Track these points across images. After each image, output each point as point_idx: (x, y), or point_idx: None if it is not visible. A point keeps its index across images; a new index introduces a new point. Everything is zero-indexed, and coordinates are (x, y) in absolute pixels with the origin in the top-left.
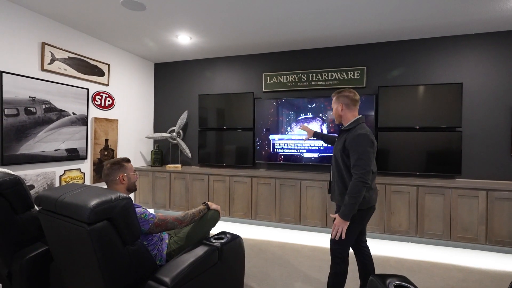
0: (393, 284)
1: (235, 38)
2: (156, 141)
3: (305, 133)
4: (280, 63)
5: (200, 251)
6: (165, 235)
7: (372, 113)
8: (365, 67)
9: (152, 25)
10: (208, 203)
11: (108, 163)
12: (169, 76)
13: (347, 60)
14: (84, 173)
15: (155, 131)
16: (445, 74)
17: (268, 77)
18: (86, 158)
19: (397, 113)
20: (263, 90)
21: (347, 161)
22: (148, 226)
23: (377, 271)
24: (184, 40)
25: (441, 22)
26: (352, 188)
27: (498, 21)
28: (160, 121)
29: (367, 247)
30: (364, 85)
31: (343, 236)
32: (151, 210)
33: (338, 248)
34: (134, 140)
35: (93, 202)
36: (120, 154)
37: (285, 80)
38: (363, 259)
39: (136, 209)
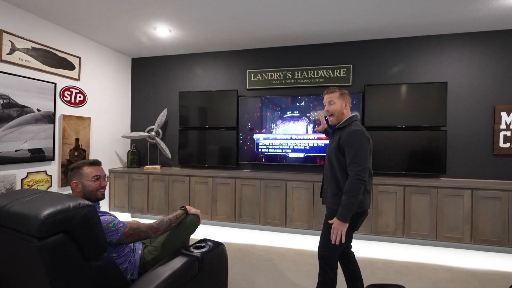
0: None
1: (218, 32)
2: (133, 141)
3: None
4: (264, 60)
5: (177, 262)
6: (139, 245)
7: (359, 111)
8: (351, 65)
9: (127, 15)
10: (187, 207)
11: (70, 166)
12: (148, 72)
13: (333, 58)
14: (50, 175)
15: (132, 130)
16: (430, 73)
17: (252, 74)
18: (53, 159)
19: (383, 112)
20: (247, 87)
21: (342, 160)
22: (117, 236)
23: (365, 274)
24: (163, 33)
25: (425, 21)
26: (349, 186)
27: (481, 21)
28: (138, 120)
29: (352, 253)
30: (351, 83)
31: (343, 240)
32: (127, 215)
33: (327, 255)
34: (108, 139)
35: (46, 211)
36: (93, 154)
37: (269, 78)
38: (350, 266)
39: (103, 217)
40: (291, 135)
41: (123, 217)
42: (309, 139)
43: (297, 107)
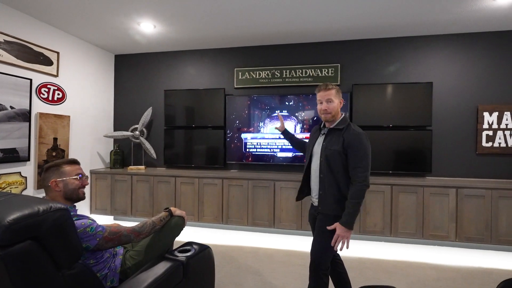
0: None
1: (205, 29)
2: (116, 141)
3: (278, 127)
4: (252, 58)
5: (161, 268)
6: (120, 249)
7: (347, 111)
8: (339, 65)
9: (109, 9)
10: (171, 208)
11: (46, 165)
12: (132, 69)
13: (321, 57)
14: (25, 177)
15: (115, 129)
16: (416, 73)
17: (240, 73)
18: (28, 159)
19: (371, 112)
20: (235, 86)
21: (346, 164)
22: (95, 241)
23: (354, 274)
24: (148, 28)
25: (412, 21)
26: (356, 193)
27: (465, 23)
28: (121, 119)
29: (338, 255)
30: (339, 83)
31: (348, 247)
32: (109, 218)
33: (322, 260)
34: (90, 139)
35: (11, 216)
36: (73, 154)
37: (258, 76)
38: (337, 268)
39: (80, 221)
40: (279, 134)
41: (106, 220)
42: None
43: (286, 106)
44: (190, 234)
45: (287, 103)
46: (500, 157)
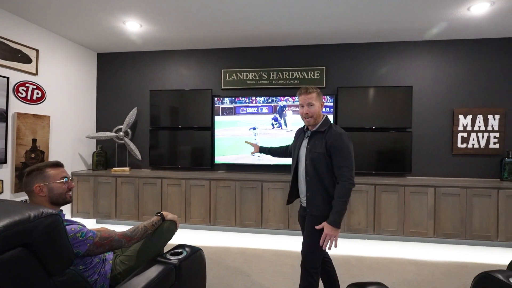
0: None
1: (192, 29)
2: (99, 142)
3: (251, 147)
4: (240, 59)
5: (153, 271)
6: (109, 255)
7: (332, 113)
8: (324, 68)
9: (92, 6)
10: (163, 212)
11: (27, 170)
12: (116, 68)
13: (307, 60)
14: (2, 180)
15: (97, 130)
16: (397, 77)
17: (227, 74)
18: (5, 162)
19: (355, 114)
20: (222, 87)
21: (330, 165)
22: (85, 247)
23: (340, 271)
24: (133, 27)
25: (393, 27)
26: (342, 191)
27: (443, 30)
28: (104, 119)
29: (327, 253)
30: (324, 85)
31: (336, 246)
32: (92, 221)
33: (313, 259)
34: (71, 140)
35: (0, 223)
36: (53, 156)
37: (245, 78)
38: (326, 266)
39: (70, 227)
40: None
41: (88, 223)
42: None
43: (273, 107)
44: (177, 236)
45: (272, 103)
46: (473, 158)
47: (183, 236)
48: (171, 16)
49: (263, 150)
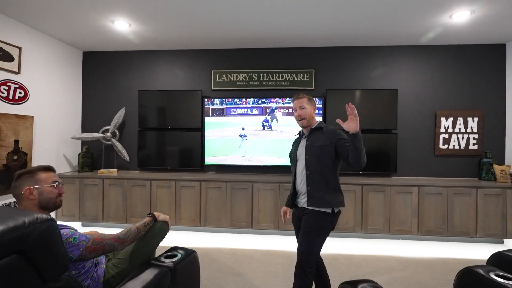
0: None
1: (182, 29)
2: (85, 143)
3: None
4: (230, 60)
5: (149, 275)
6: (101, 258)
7: (321, 115)
8: (313, 70)
9: (79, 4)
10: (155, 213)
11: (17, 173)
12: (102, 67)
13: (297, 62)
14: None
15: (83, 131)
16: (383, 80)
17: (218, 75)
18: None
19: (343, 115)
20: (212, 88)
21: (334, 156)
22: (78, 252)
23: (329, 269)
24: (122, 26)
25: (381, 32)
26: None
27: (427, 35)
28: (91, 119)
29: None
30: (313, 87)
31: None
32: (77, 224)
33: (309, 259)
34: (55, 141)
35: None
36: (36, 158)
37: (235, 79)
38: (318, 266)
39: (62, 231)
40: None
41: (74, 227)
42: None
43: (263, 109)
44: (168, 238)
45: (263, 105)
46: (454, 158)
47: (173, 238)
48: (161, 16)
49: (289, 205)
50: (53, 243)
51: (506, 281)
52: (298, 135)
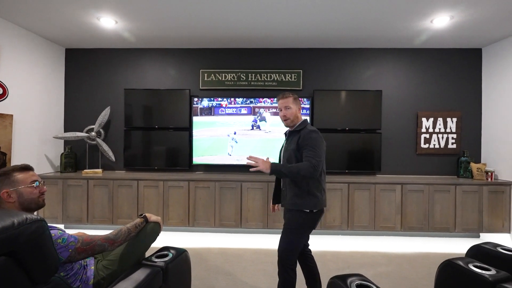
0: (355, 284)
1: (170, 28)
2: (68, 142)
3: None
4: (219, 60)
5: (140, 275)
6: (90, 260)
7: (308, 115)
8: (301, 71)
9: (64, 1)
10: (146, 214)
11: None
12: (86, 65)
13: (285, 63)
14: None
15: (66, 130)
16: (368, 82)
17: (206, 74)
18: None
19: (329, 115)
20: (200, 87)
21: (300, 160)
22: (67, 253)
23: (317, 266)
24: (109, 23)
25: (366, 35)
26: (301, 165)
27: (410, 39)
28: (74, 118)
29: (309, 250)
30: (301, 88)
31: (252, 169)
32: (60, 226)
33: (288, 256)
34: (36, 140)
35: None
36: (16, 158)
37: (223, 78)
38: (308, 262)
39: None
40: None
41: None
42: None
43: (251, 109)
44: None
45: (251, 105)
46: (435, 157)
47: (162, 239)
48: (149, 14)
49: (276, 198)
50: (44, 244)
51: (483, 272)
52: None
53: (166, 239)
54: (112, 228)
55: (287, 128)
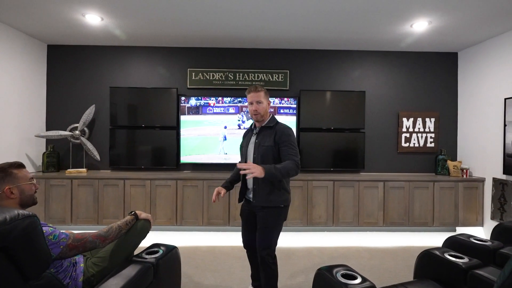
0: (340, 273)
1: (157, 26)
2: (50, 141)
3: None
4: (206, 59)
5: (131, 271)
6: (79, 257)
7: (295, 114)
8: (288, 71)
9: None
10: (137, 212)
11: None
12: (70, 62)
13: (272, 63)
14: None
15: (48, 129)
16: (352, 83)
17: (194, 73)
18: None
19: (315, 115)
20: (188, 86)
21: (277, 157)
22: (58, 250)
23: (304, 261)
24: (94, 20)
25: (351, 37)
26: (289, 165)
27: (391, 42)
28: (56, 117)
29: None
30: (288, 88)
31: (247, 176)
32: None
33: (270, 253)
34: (16, 139)
35: None
36: None
37: (211, 78)
38: (255, 252)
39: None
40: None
41: None
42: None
43: (239, 108)
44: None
45: (239, 104)
46: (414, 155)
47: (149, 238)
48: (136, 12)
49: (227, 186)
50: (36, 240)
51: (457, 260)
52: (249, 129)
53: (154, 238)
54: (97, 229)
55: (251, 122)
